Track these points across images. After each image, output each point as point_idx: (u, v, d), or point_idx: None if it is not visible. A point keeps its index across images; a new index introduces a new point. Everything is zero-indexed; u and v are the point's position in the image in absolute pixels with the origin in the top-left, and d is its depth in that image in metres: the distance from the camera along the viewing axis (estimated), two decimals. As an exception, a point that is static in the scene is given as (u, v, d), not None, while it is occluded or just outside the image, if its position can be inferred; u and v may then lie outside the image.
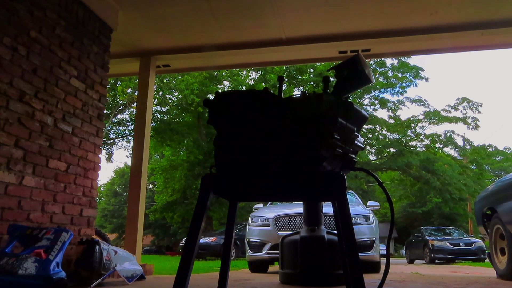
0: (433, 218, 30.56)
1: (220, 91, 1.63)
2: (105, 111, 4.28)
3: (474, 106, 19.45)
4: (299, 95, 1.53)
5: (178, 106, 18.93)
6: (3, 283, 2.26)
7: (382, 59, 18.38)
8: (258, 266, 5.77)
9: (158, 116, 19.11)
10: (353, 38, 4.55)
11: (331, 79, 1.57)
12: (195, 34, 4.61)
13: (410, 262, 15.88)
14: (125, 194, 36.34)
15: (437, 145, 19.72)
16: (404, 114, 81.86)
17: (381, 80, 19.00)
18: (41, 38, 3.17)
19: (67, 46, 3.47)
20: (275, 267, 6.32)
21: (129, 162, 33.83)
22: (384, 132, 19.50)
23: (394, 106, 19.74)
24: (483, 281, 4.12)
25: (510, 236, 4.15)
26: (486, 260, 11.90)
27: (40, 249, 2.52)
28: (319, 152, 1.42)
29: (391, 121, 19.62)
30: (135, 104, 12.36)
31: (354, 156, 1.57)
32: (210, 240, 14.04)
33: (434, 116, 19.31)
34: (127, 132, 21.05)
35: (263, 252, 5.44)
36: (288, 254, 3.53)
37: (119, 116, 20.31)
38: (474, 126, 19.20)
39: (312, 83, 18.16)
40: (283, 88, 1.60)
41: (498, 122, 77.10)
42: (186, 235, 1.48)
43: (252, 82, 19.09)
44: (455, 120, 19.19)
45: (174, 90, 18.42)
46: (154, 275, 4.48)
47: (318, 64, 17.16)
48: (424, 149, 19.34)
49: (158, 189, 21.25)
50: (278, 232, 5.33)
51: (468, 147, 21.03)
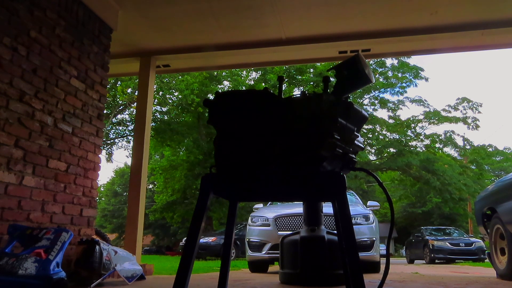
0: (433, 218, 30.57)
1: (220, 91, 1.63)
2: (105, 111, 4.28)
3: (474, 106, 19.46)
4: (299, 95, 1.53)
5: (178, 106, 18.93)
6: (3, 283, 2.26)
7: (382, 59, 18.37)
8: (258, 266, 5.77)
9: (158, 116, 19.12)
10: (353, 38, 4.55)
11: (331, 79, 1.57)
12: (195, 34, 4.62)
13: (410, 262, 15.88)
14: (125, 194, 36.34)
15: (437, 145, 19.71)
16: (404, 114, 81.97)
17: (381, 80, 18.99)
18: (41, 38, 3.17)
19: (67, 46, 3.47)
20: (275, 267, 6.32)
21: (129, 162, 33.85)
22: (384, 132, 19.49)
23: (394, 106, 19.75)
24: (483, 281, 4.12)
25: (510, 236, 4.15)
26: (486, 260, 11.89)
27: (40, 249, 2.51)
28: (319, 152, 1.42)
29: (391, 121, 19.61)
30: (135, 104, 12.36)
31: (354, 156, 1.57)
32: (210, 240, 14.04)
33: (434, 116, 19.30)
34: (127, 132, 21.08)
35: (263, 252, 5.44)
36: (288, 254, 3.53)
37: (119, 116, 20.35)
38: (474, 126, 19.20)
39: (312, 83, 18.15)
40: (283, 88, 1.60)
41: (498, 122, 77.14)
42: (186, 235, 1.48)
43: (252, 82, 19.09)
44: (455, 120, 19.19)
45: (174, 90, 18.43)
46: (154, 275, 4.48)
47: (318, 64, 17.16)
48: (424, 149, 19.33)
49: (158, 189, 21.25)
50: (278, 232, 5.33)
51: (468, 147, 21.02)
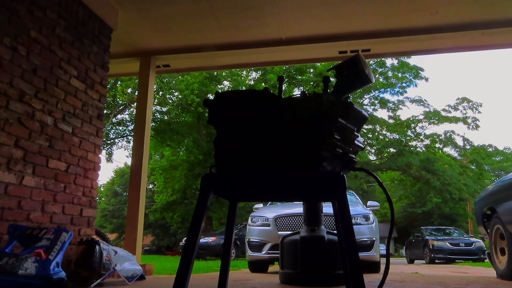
0: (433, 218, 30.56)
1: (220, 91, 1.63)
2: (105, 111, 4.28)
3: (474, 106, 19.47)
4: (299, 95, 1.53)
5: (178, 106, 18.93)
6: (3, 283, 2.26)
7: (382, 59, 18.38)
8: (258, 266, 5.76)
9: (158, 116, 19.12)
10: (353, 38, 4.55)
11: (331, 79, 1.57)
12: (195, 34, 4.62)
13: (410, 262, 15.88)
14: (125, 194, 36.33)
15: (437, 145, 19.71)
16: (404, 114, 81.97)
17: (381, 80, 18.99)
18: (41, 38, 3.17)
19: (67, 46, 3.47)
20: (275, 267, 6.32)
21: (129, 162, 33.85)
22: (384, 132, 19.50)
23: (394, 106, 19.76)
24: (483, 281, 4.12)
25: (510, 236, 4.15)
26: (486, 260, 11.89)
27: (40, 249, 2.51)
28: (319, 152, 1.42)
29: (391, 121, 19.62)
30: (135, 104, 12.36)
31: (354, 156, 1.56)
32: (210, 240, 14.04)
33: (434, 116, 19.30)
34: (127, 132, 21.08)
35: (263, 252, 5.43)
36: (288, 254, 3.53)
37: (119, 116, 20.34)
38: (474, 126, 19.22)
39: (312, 83, 18.16)
40: (283, 88, 1.59)
41: (498, 122, 77.14)
42: (186, 235, 1.48)
43: (252, 82, 19.09)
44: (455, 120, 19.20)
45: (174, 90, 18.43)
46: (154, 275, 4.48)
47: (318, 64, 17.16)
48: (424, 149, 19.33)
49: (158, 189, 21.26)
50: (278, 232, 5.33)
51: (468, 147, 21.03)
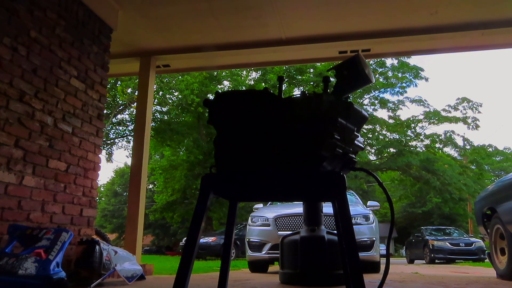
0: (433, 218, 30.56)
1: (220, 91, 1.63)
2: (105, 111, 4.28)
3: (474, 106, 19.48)
4: (299, 95, 1.53)
5: (178, 106, 18.93)
6: (3, 283, 2.26)
7: (382, 59, 18.38)
8: (258, 266, 5.76)
9: (158, 116, 19.12)
10: (353, 38, 4.55)
11: (331, 79, 1.57)
12: (195, 34, 4.62)
13: (410, 262, 15.88)
14: (125, 194, 36.33)
15: (437, 145, 19.72)
16: (404, 114, 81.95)
17: (381, 80, 18.99)
18: (41, 38, 3.17)
19: (67, 46, 3.47)
20: (275, 267, 6.32)
21: (129, 162, 33.85)
22: (384, 132, 19.51)
23: (394, 106, 19.76)
24: (483, 281, 4.12)
25: (510, 236, 4.15)
26: (486, 260, 11.89)
27: (40, 249, 2.51)
28: (319, 152, 1.42)
29: (391, 121, 19.62)
30: (135, 104, 12.36)
31: (354, 156, 1.56)
32: (210, 240, 14.04)
33: (434, 116, 19.31)
34: (127, 132, 21.08)
35: (263, 252, 5.43)
36: (288, 254, 3.53)
37: (119, 116, 20.36)
38: (474, 126, 19.22)
39: (312, 83, 18.16)
40: (283, 88, 1.59)
41: (498, 122, 77.13)
42: (186, 235, 1.48)
43: (252, 82, 19.09)
44: (455, 120, 19.20)
45: (174, 90, 18.43)
46: (154, 275, 4.48)
47: (318, 64, 17.16)
48: (424, 149, 19.34)
49: (158, 189, 21.25)
50: (278, 232, 5.32)
51: (468, 147, 21.03)
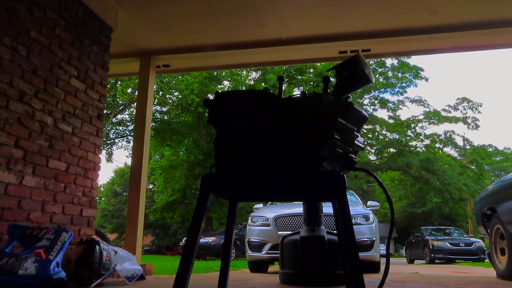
0: (433, 218, 30.56)
1: (220, 91, 1.63)
2: (105, 111, 4.28)
3: (474, 106, 19.48)
4: (299, 95, 1.53)
5: (178, 106, 18.93)
6: (3, 283, 2.26)
7: (382, 59, 18.38)
8: (258, 266, 5.76)
9: (158, 116, 19.12)
10: (353, 38, 4.55)
11: (331, 79, 1.57)
12: (195, 34, 4.62)
13: (410, 262, 15.88)
14: (125, 194, 36.33)
15: (437, 145, 19.72)
16: (404, 114, 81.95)
17: (381, 80, 18.99)
18: (41, 38, 3.17)
19: (67, 46, 3.47)
20: (275, 267, 6.32)
21: (129, 162, 33.85)
22: (384, 132, 19.50)
23: (394, 106, 19.76)
24: (483, 281, 4.12)
25: (510, 236, 4.15)
26: (486, 260, 11.89)
27: (40, 249, 2.51)
28: (319, 152, 1.42)
29: (391, 121, 19.62)
30: (135, 104, 12.36)
31: (354, 156, 1.56)
32: (210, 240, 14.04)
33: (434, 116, 19.31)
34: (127, 132, 21.08)
35: (263, 252, 5.43)
36: (288, 254, 3.53)
37: (119, 116, 20.35)
38: (474, 126, 19.22)
39: (312, 83, 18.15)
40: (283, 88, 1.59)
41: (498, 122, 77.13)
42: (186, 235, 1.48)
43: (252, 82, 19.09)
44: (455, 120, 19.19)
45: (174, 90, 18.43)
46: (154, 275, 4.48)
47: (318, 64, 17.16)
48: (424, 149, 19.34)
49: (158, 189, 21.25)
50: (278, 232, 5.32)
51: (468, 147, 21.03)
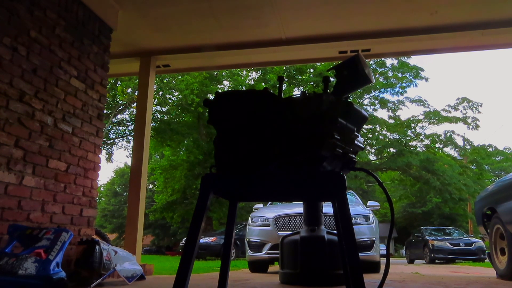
0: (433, 218, 30.57)
1: (220, 91, 1.63)
2: (105, 111, 4.28)
3: (474, 106, 19.48)
4: (299, 95, 1.53)
5: (178, 106, 18.93)
6: (3, 283, 2.26)
7: (382, 59, 18.37)
8: (258, 266, 5.76)
9: (158, 116, 19.12)
10: (353, 38, 4.55)
11: (331, 79, 1.57)
12: (195, 34, 4.62)
13: (410, 262, 15.87)
14: (125, 194, 36.33)
15: (437, 145, 19.72)
16: (404, 114, 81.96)
17: (381, 80, 18.99)
18: (41, 38, 3.17)
19: (67, 46, 3.47)
20: (275, 267, 6.32)
21: (129, 162, 33.85)
22: (384, 132, 19.50)
23: (394, 106, 19.76)
24: (483, 281, 4.12)
25: (510, 236, 4.15)
26: (486, 260, 11.89)
27: (40, 249, 2.51)
28: (319, 152, 1.41)
29: (391, 121, 19.62)
30: (135, 104, 12.36)
31: (354, 156, 1.56)
32: (210, 240, 14.04)
33: (434, 116, 19.31)
34: (127, 132, 21.08)
35: (263, 252, 5.43)
36: (288, 254, 3.53)
37: (119, 116, 20.35)
38: (474, 126, 19.22)
39: (312, 83, 18.15)
40: (283, 88, 1.59)
41: (498, 122, 77.14)
42: (186, 235, 1.48)
43: (252, 82, 19.09)
44: (455, 120, 19.20)
45: (174, 90, 18.43)
46: (154, 275, 4.48)
47: (318, 64, 17.16)
48: (424, 149, 19.34)
49: (158, 189, 21.26)
50: (278, 232, 5.32)
51: (468, 147, 21.02)
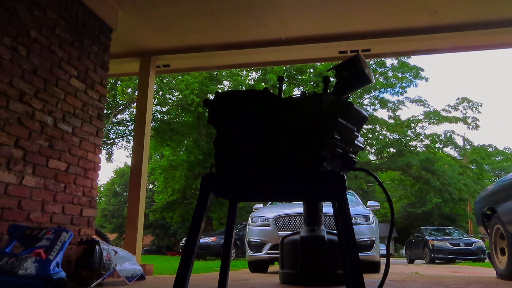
0: (433, 218, 30.56)
1: (220, 91, 1.63)
2: (105, 111, 4.28)
3: (474, 106, 19.50)
4: (299, 95, 1.53)
5: (178, 106, 18.94)
6: (3, 283, 2.26)
7: (382, 59, 18.38)
8: (258, 266, 5.76)
9: (158, 116, 19.13)
10: (353, 38, 4.55)
11: (331, 79, 1.57)
12: (195, 34, 4.62)
13: (410, 262, 15.88)
14: (125, 194, 36.33)
15: (437, 145, 19.73)
16: (404, 114, 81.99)
17: (381, 80, 19.00)
18: (41, 38, 3.17)
19: (67, 46, 3.47)
20: (275, 267, 6.32)
21: (129, 162, 33.86)
22: (384, 132, 19.51)
23: (394, 106, 19.77)
24: (483, 281, 4.12)
25: (510, 236, 4.15)
26: (486, 260, 11.90)
27: (40, 249, 2.51)
28: (319, 152, 1.42)
29: (391, 121, 19.63)
30: (135, 104, 12.36)
31: (354, 156, 1.56)
32: (210, 240, 14.04)
33: (434, 116, 19.32)
34: (127, 132, 21.08)
35: (263, 252, 5.43)
36: (288, 254, 3.53)
37: (119, 116, 20.35)
38: (474, 126, 19.24)
39: (312, 83, 18.16)
40: (283, 88, 1.59)
41: (498, 122, 77.14)
42: (186, 235, 1.48)
43: (252, 82, 19.10)
44: (455, 120, 19.21)
45: (174, 90, 18.44)
46: (154, 275, 4.48)
47: (318, 64, 17.17)
48: (424, 149, 19.35)
49: (158, 189, 21.27)
50: (278, 232, 5.32)
51: (468, 147, 21.04)
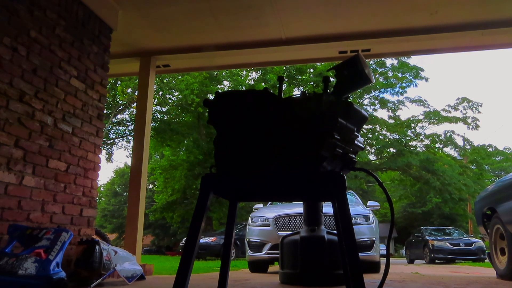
0: (433, 218, 30.56)
1: (220, 91, 1.63)
2: (105, 111, 4.28)
3: (474, 106, 19.50)
4: (299, 95, 1.53)
5: (178, 106, 18.94)
6: (3, 283, 2.26)
7: (382, 59, 18.38)
8: (258, 266, 5.76)
9: (158, 116, 19.13)
10: (353, 38, 4.55)
11: (331, 79, 1.57)
12: (195, 34, 4.62)
13: (410, 262, 15.88)
14: (125, 194, 36.33)
15: (437, 145, 19.74)
16: (404, 114, 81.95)
17: (381, 80, 19.00)
18: (41, 38, 3.17)
19: (67, 46, 3.47)
20: (275, 267, 6.32)
21: (129, 162, 33.86)
22: (384, 132, 19.51)
23: (394, 106, 19.77)
24: (483, 281, 4.12)
25: (510, 236, 4.15)
26: (486, 260, 11.90)
27: (40, 249, 2.51)
28: (319, 152, 1.42)
29: (391, 121, 19.63)
30: (135, 104, 12.36)
31: (354, 156, 1.56)
32: (210, 240, 14.04)
33: (434, 116, 19.32)
34: (127, 132, 21.09)
35: (263, 252, 5.43)
36: (288, 254, 3.53)
37: (119, 116, 20.36)
38: (474, 126, 19.24)
39: (312, 83, 18.16)
40: (283, 88, 1.59)
41: (498, 122, 77.15)
42: (186, 235, 1.48)
43: (252, 82, 19.10)
44: (455, 120, 19.21)
45: (174, 90, 18.44)
46: (154, 275, 4.48)
47: (318, 64, 17.17)
48: (424, 149, 19.35)
49: (158, 189, 21.27)
50: (278, 232, 5.32)
51: (468, 147, 21.04)
